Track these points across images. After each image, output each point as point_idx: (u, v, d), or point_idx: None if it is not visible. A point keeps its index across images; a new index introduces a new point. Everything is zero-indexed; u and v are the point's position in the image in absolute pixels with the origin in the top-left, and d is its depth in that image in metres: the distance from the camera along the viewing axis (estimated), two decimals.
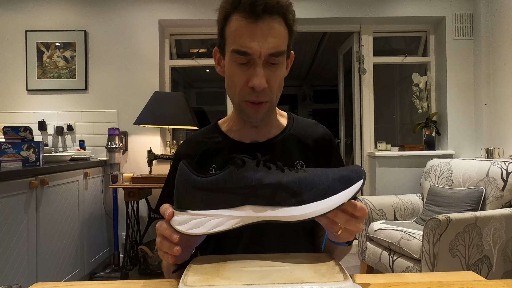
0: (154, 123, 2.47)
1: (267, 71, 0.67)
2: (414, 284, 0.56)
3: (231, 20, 0.67)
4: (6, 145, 1.83)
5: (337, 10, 2.94)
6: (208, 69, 5.23)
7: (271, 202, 0.51)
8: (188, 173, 0.52)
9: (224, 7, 0.67)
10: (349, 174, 0.52)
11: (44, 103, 2.85)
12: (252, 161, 0.52)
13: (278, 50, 0.66)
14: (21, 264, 1.73)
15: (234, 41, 0.66)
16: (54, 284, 0.59)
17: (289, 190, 0.51)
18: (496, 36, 2.74)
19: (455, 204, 2.18)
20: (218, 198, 0.51)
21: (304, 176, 0.52)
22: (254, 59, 0.65)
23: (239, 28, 0.65)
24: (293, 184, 0.51)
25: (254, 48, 0.64)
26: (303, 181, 0.51)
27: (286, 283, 0.47)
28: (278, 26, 0.66)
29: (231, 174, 0.51)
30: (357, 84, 3.17)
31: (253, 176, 0.51)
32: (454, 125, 2.94)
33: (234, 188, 0.51)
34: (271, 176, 0.51)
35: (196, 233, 0.51)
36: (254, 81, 0.65)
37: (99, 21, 2.87)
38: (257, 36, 0.64)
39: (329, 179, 0.51)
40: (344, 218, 0.53)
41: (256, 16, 0.63)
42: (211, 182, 0.51)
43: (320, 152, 0.80)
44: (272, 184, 0.51)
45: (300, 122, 0.84)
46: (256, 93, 0.67)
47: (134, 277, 2.49)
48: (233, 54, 0.66)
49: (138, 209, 2.73)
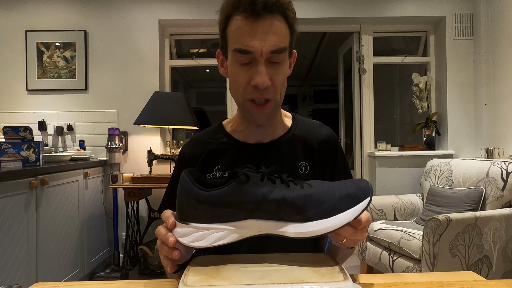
0: (154, 123, 2.47)
1: (269, 70, 0.67)
2: (414, 284, 0.56)
3: (232, 21, 0.67)
4: (6, 145, 1.83)
5: (337, 10, 2.94)
6: (208, 69, 5.23)
7: (275, 217, 0.51)
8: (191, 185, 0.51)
9: (225, 8, 0.68)
10: (356, 192, 0.51)
11: (44, 103, 2.85)
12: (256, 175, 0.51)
13: (279, 47, 0.66)
14: (21, 264, 1.73)
15: (235, 41, 0.66)
16: (54, 284, 0.59)
17: (294, 206, 0.50)
18: (496, 36, 2.74)
19: (455, 204, 2.18)
20: (222, 212, 0.51)
21: (310, 192, 0.51)
22: (256, 58, 0.66)
23: (240, 27, 0.65)
24: (298, 200, 0.50)
25: (255, 46, 0.64)
26: (308, 198, 0.50)
27: (286, 283, 0.47)
28: (279, 23, 0.66)
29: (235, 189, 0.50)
30: (357, 84, 3.17)
31: (258, 191, 0.50)
32: (454, 125, 2.94)
33: (238, 203, 0.50)
34: (276, 191, 0.50)
35: (198, 246, 0.52)
36: (257, 79, 0.66)
37: (99, 21, 2.87)
38: (258, 34, 0.64)
39: (335, 197, 0.51)
40: (350, 231, 0.52)
41: (256, 15, 0.64)
42: (215, 196, 0.50)
43: (325, 153, 0.80)
44: (277, 200, 0.50)
45: (305, 123, 0.84)
46: (259, 92, 0.67)
47: (134, 277, 2.49)
48: (235, 53, 0.67)
49: (138, 209, 2.73)
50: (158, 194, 2.75)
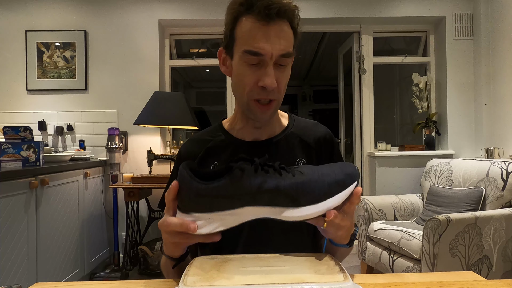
0: (154, 123, 2.47)
1: (276, 72, 0.69)
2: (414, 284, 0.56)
3: (241, 22, 0.68)
4: (6, 145, 1.83)
5: (337, 10, 2.94)
6: (208, 69, 5.23)
7: (271, 204, 0.54)
8: (190, 180, 0.53)
9: (235, 9, 0.69)
10: (344, 179, 0.56)
11: (44, 103, 2.85)
12: (250, 167, 0.54)
13: (288, 51, 0.68)
14: (21, 264, 1.73)
15: (246, 42, 0.68)
16: (54, 284, 0.59)
17: (288, 194, 0.54)
18: (496, 36, 2.74)
19: (455, 204, 2.18)
20: (220, 202, 0.53)
21: (301, 180, 0.55)
22: (265, 60, 0.68)
23: (252, 30, 0.67)
24: (291, 189, 0.54)
25: (267, 49, 0.66)
26: (300, 186, 0.54)
27: (286, 283, 0.47)
28: (287, 29, 0.69)
29: (231, 182, 0.53)
30: (357, 84, 3.17)
31: (252, 182, 0.53)
32: (454, 125, 2.94)
33: (235, 194, 0.53)
34: (270, 181, 0.53)
35: (201, 233, 0.54)
36: (266, 81, 0.68)
37: (99, 21, 2.87)
38: (271, 37, 0.66)
39: (324, 185, 0.55)
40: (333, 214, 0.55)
41: (269, 19, 0.66)
42: (212, 189, 0.53)
43: (322, 151, 0.82)
44: (270, 190, 0.53)
45: (301, 122, 0.86)
46: (266, 92, 0.70)
47: (134, 277, 2.49)
48: (245, 54, 0.68)
49: (138, 209, 2.73)
50: (158, 194, 2.75)
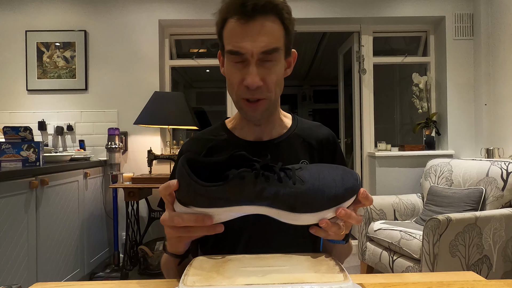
0: (154, 123, 2.47)
1: (261, 69, 0.68)
2: (414, 284, 0.56)
3: (227, 23, 0.69)
4: (6, 145, 1.83)
5: (337, 10, 2.94)
6: (208, 69, 5.23)
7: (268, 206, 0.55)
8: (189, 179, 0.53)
9: (221, 11, 0.70)
10: (344, 194, 0.55)
11: (44, 103, 2.85)
12: (250, 174, 0.53)
13: (270, 48, 0.67)
14: (21, 264, 1.73)
15: (228, 42, 0.69)
16: (54, 284, 0.59)
17: (286, 202, 0.54)
18: (496, 36, 2.74)
19: (455, 204, 2.18)
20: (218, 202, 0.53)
21: (301, 191, 0.54)
22: (248, 58, 0.68)
23: (232, 29, 0.68)
24: (289, 198, 0.54)
25: (246, 47, 0.66)
26: (299, 197, 0.54)
27: (286, 283, 0.47)
28: (271, 24, 0.67)
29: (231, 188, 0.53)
30: (357, 84, 3.17)
31: (252, 190, 0.53)
32: (454, 125, 2.94)
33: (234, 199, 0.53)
34: (269, 189, 0.53)
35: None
36: (248, 80, 0.68)
37: (99, 21, 2.87)
38: (248, 35, 0.66)
39: (323, 198, 0.54)
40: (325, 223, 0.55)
41: (247, 17, 0.66)
42: (212, 191, 0.52)
43: (324, 152, 0.82)
44: (270, 197, 0.53)
45: (304, 123, 0.86)
46: (251, 92, 0.69)
47: (134, 277, 2.49)
48: (228, 54, 0.70)
49: (138, 209, 2.73)
50: (158, 194, 2.73)
